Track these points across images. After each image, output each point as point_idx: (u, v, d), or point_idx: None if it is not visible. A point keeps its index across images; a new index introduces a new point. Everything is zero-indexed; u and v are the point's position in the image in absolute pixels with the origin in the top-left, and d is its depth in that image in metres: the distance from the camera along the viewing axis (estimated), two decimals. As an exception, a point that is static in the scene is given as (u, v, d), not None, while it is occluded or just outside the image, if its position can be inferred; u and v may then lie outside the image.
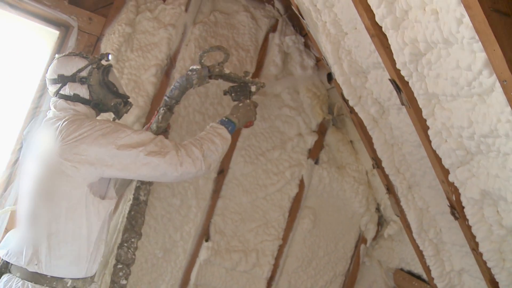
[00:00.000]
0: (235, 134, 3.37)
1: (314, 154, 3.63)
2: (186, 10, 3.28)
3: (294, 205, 3.60)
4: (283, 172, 3.54)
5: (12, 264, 1.94)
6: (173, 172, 1.97)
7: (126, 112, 2.31)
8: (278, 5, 3.55)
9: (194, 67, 2.38)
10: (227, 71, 2.43)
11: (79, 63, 2.13)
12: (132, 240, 2.45)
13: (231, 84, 2.51)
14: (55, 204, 1.90)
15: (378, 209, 3.74)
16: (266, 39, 3.53)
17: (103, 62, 2.22)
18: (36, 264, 1.89)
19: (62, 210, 1.90)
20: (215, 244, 3.38)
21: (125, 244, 2.44)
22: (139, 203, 2.47)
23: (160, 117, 2.39)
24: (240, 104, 2.41)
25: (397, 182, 3.00)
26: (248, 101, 2.44)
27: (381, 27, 2.12)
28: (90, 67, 2.14)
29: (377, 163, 3.10)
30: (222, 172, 3.39)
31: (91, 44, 3.13)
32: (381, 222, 3.76)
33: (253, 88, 2.47)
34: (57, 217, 1.90)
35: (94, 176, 1.93)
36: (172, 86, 2.41)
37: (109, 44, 3.12)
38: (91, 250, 1.99)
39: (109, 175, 1.98)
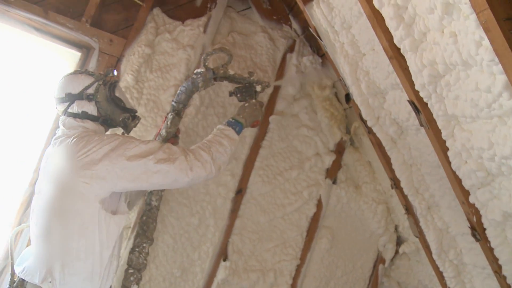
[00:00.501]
0: (253, 154, 3.42)
1: (332, 173, 3.63)
2: (204, 31, 3.33)
3: (312, 224, 3.59)
4: (301, 191, 3.54)
5: (27, 282, 1.96)
6: (184, 178, 1.97)
7: (135, 126, 2.32)
8: (295, 25, 3.58)
9: (199, 70, 2.41)
10: (231, 72, 2.46)
11: (86, 80, 2.16)
12: (144, 245, 2.46)
13: (236, 85, 2.51)
14: (68, 222, 1.92)
15: (396, 229, 3.71)
16: (283, 59, 3.55)
17: (109, 78, 2.23)
18: (50, 282, 1.91)
19: (75, 228, 1.91)
20: (233, 263, 3.37)
21: (137, 249, 2.44)
22: (151, 209, 2.49)
23: (169, 122, 2.43)
24: (246, 104, 2.40)
25: (416, 202, 2.98)
26: (254, 100, 2.43)
27: (399, 49, 2.13)
28: (96, 83, 2.16)
29: (395, 183, 3.09)
30: (240, 191, 3.40)
31: (112, 65, 3.19)
32: (399, 243, 3.73)
33: (258, 88, 2.47)
34: (70, 235, 1.91)
35: (106, 191, 1.94)
36: (178, 91, 2.46)
37: (129, 65, 3.17)
38: (104, 266, 2.00)
39: (121, 188, 1.99)
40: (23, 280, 1.99)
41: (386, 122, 2.81)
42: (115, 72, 2.30)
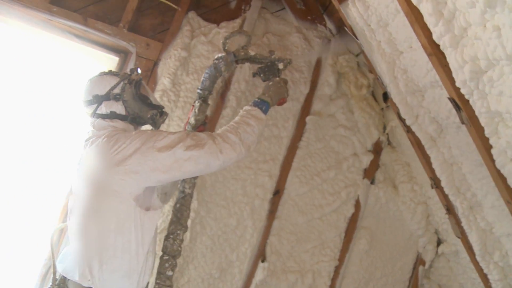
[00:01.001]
0: (290, 155, 3.41)
1: (369, 174, 3.59)
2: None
3: (350, 225, 3.57)
4: (339, 192, 3.52)
5: (68, 279, 2.01)
6: (215, 161, 1.97)
7: (163, 122, 2.33)
8: (330, 25, 3.56)
9: (220, 55, 2.42)
10: (252, 53, 2.45)
11: (111, 80, 2.18)
12: (178, 232, 2.46)
13: (259, 66, 2.47)
14: (104, 220, 1.95)
15: (436, 230, 3.64)
16: (319, 60, 3.54)
17: (134, 77, 2.24)
18: (90, 280, 1.94)
19: (111, 226, 1.94)
20: (271, 264, 3.37)
21: (171, 236, 2.45)
22: (184, 196, 2.49)
23: (196, 110, 2.45)
24: (270, 83, 2.36)
25: (458, 202, 2.91)
26: (277, 78, 2.39)
27: (438, 46, 2.08)
28: (122, 83, 2.18)
29: (435, 183, 3.03)
30: (277, 192, 3.40)
31: (149, 68, 3.24)
32: (440, 243, 3.65)
33: (280, 66, 2.43)
34: (107, 233, 1.94)
35: (140, 186, 1.96)
36: (202, 78, 2.47)
37: (166, 68, 3.22)
38: (141, 262, 2.03)
39: (156, 181, 1.99)
40: (65, 278, 2.04)
41: (425, 120, 2.76)
42: (139, 70, 2.32)
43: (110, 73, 2.25)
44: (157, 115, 2.24)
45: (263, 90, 2.35)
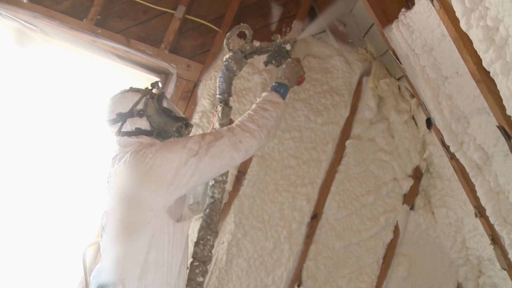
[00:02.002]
0: (328, 179, 3.37)
1: (409, 199, 3.52)
2: (280, 56, 3.35)
3: (388, 251, 3.49)
4: (378, 217, 3.46)
5: None
6: (237, 151, 1.97)
7: (189, 134, 2.29)
8: (371, 48, 3.53)
9: (228, 55, 2.41)
10: (256, 44, 2.44)
11: (133, 97, 2.17)
12: (208, 237, 2.43)
13: (267, 54, 2.45)
14: (139, 236, 1.93)
15: (479, 260, 3.51)
16: (360, 83, 3.51)
17: (155, 91, 2.23)
18: None
19: (146, 240, 1.92)
20: (307, 289, 3.32)
21: (201, 242, 2.42)
22: (214, 201, 2.47)
23: (220, 114, 2.43)
24: (284, 66, 2.34)
25: (504, 233, 2.80)
26: (289, 59, 2.37)
27: (488, 72, 2.03)
28: (144, 98, 2.16)
29: (480, 211, 2.93)
30: (315, 216, 3.36)
31: (189, 89, 3.27)
32: (482, 274, 3.53)
33: (288, 47, 2.39)
34: (141, 248, 1.93)
35: (172, 197, 1.95)
36: (217, 83, 2.46)
37: (206, 90, 3.24)
38: (176, 275, 2.02)
39: (185, 187, 1.96)
40: None
41: (470, 147, 2.68)
42: (160, 84, 2.32)
43: (132, 89, 2.24)
44: (182, 127, 2.23)
45: (278, 74, 2.32)
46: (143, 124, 2.14)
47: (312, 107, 3.39)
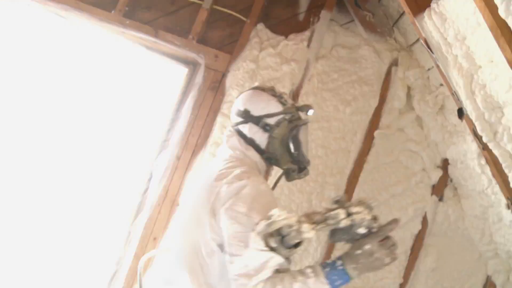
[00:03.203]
0: (357, 169, 3.37)
1: (438, 190, 3.49)
2: (308, 45, 3.34)
3: (416, 242, 3.47)
4: (406, 208, 3.43)
5: None
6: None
7: (299, 179, 2.04)
8: (400, 38, 3.50)
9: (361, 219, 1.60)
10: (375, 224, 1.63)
11: (272, 107, 1.91)
12: None
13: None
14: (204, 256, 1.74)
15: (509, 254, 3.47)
16: (389, 73, 3.48)
17: (301, 117, 1.98)
18: None
19: (214, 262, 1.73)
20: (335, 280, 3.31)
21: None
22: None
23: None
24: (360, 251, 1.59)
25: (537, 224, 2.78)
26: (369, 246, 1.59)
27: (526, 61, 2.01)
28: (282, 116, 1.91)
29: (512, 203, 2.90)
30: (344, 207, 3.34)
31: (217, 80, 3.28)
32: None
33: (362, 230, 1.61)
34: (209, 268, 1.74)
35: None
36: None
37: (234, 80, 3.24)
38: None
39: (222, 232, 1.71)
40: None
41: (504, 138, 2.64)
42: (311, 112, 2.00)
43: (278, 97, 1.96)
44: (294, 171, 1.99)
45: (349, 250, 1.63)
46: (261, 139, 1.90)
47: (341, 97, 3.37)
